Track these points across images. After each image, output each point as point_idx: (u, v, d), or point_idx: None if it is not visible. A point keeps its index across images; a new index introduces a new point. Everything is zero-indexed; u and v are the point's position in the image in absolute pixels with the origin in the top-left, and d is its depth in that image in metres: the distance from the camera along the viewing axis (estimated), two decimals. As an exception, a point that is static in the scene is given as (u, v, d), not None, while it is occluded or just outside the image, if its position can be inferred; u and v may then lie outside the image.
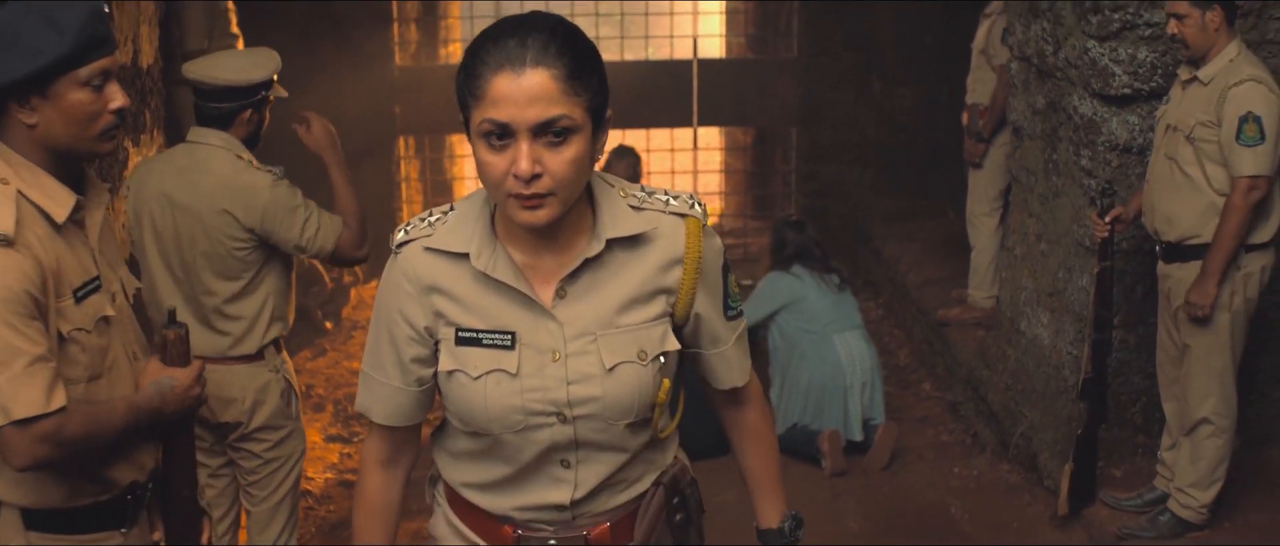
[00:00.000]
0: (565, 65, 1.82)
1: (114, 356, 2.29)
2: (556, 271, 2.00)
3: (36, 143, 2.21)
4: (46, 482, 2.24)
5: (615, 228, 2.00)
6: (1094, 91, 4.55)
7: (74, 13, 2.15)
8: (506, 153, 1.83)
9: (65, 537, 2.29)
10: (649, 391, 2.04)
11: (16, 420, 2.08)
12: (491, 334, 1.99)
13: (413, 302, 2.01)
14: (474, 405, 2.01)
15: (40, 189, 2.20)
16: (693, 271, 2.04)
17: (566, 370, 1.99)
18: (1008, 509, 5.00)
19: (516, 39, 1.82)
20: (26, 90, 2.16)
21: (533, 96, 1.79)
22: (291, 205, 3.42)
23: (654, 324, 2.04)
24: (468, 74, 1.85)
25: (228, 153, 3.39)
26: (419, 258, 2.02)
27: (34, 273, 2.12)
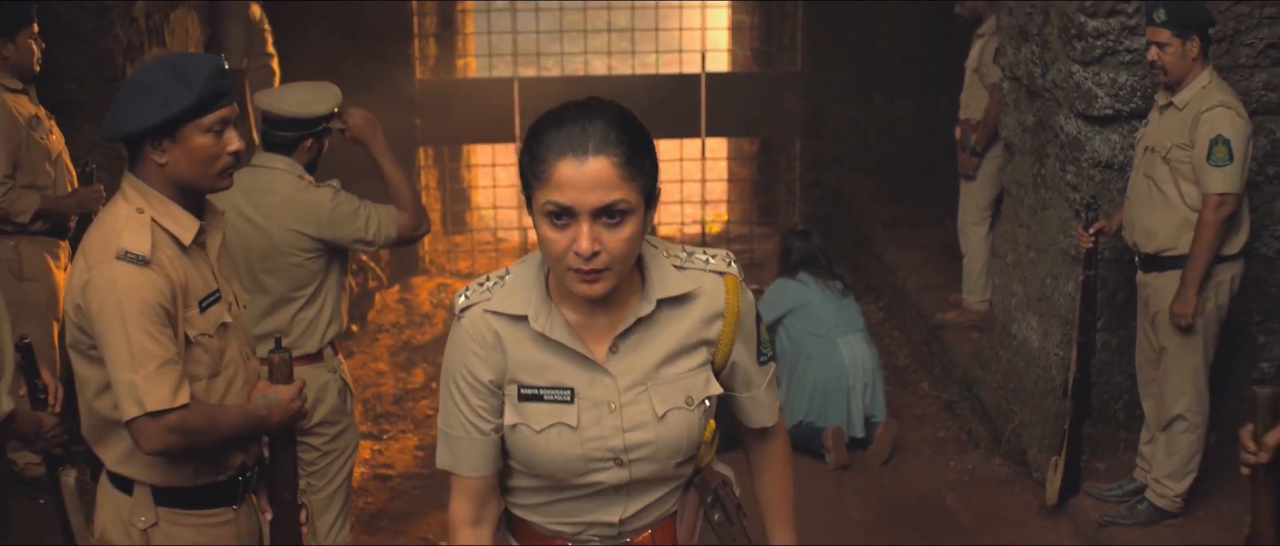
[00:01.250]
0: (624, 153, 1.94)
1: (231, 357, 2.65)
2: (609, 329, 2.13)
3: (166, 179, 2.55)
4: (172, 465, 2.60)
5: (664, 288, 2.13)
6: (1078, 112, 4.79)
7: (200, 68, 2.49)
8: (568, 231, 1.95)
9: (187, 512, 2.64)
10: (696, 433, 2.19)
11: (149, 412, 2.43)
12: (551, 390, 2.12)
13: (479, 361, 2.13)
14: (538, 455, 2.14)
15: (170, 217, 2.55)
16: (733, 324, 2.18)
17: (622, 419, 2.13)
18: (999, 500, 5.23)
19: (580, 127, 1.94)
20: (159, 135, 2.51)
21: (594, 182, 1.92)
22: (352, 210, 3.71)
23: (698, 371, 2.18)
24: (532, 157, 1.97)
25: (290, 174, 3.70)
26: (481, 320, 2.13)
27: (165, 287, 2.47)
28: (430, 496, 5.39)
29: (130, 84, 2.51)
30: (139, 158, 2.57)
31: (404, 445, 6.14)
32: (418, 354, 7.44)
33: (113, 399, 2.50)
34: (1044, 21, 5.02)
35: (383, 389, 6.85)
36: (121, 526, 2.63)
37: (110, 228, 2.52)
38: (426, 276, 8.93)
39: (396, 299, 8.41)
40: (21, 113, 4.44)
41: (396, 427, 6.36)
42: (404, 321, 8.05)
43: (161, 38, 5.35)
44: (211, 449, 2.60)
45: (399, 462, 5.90)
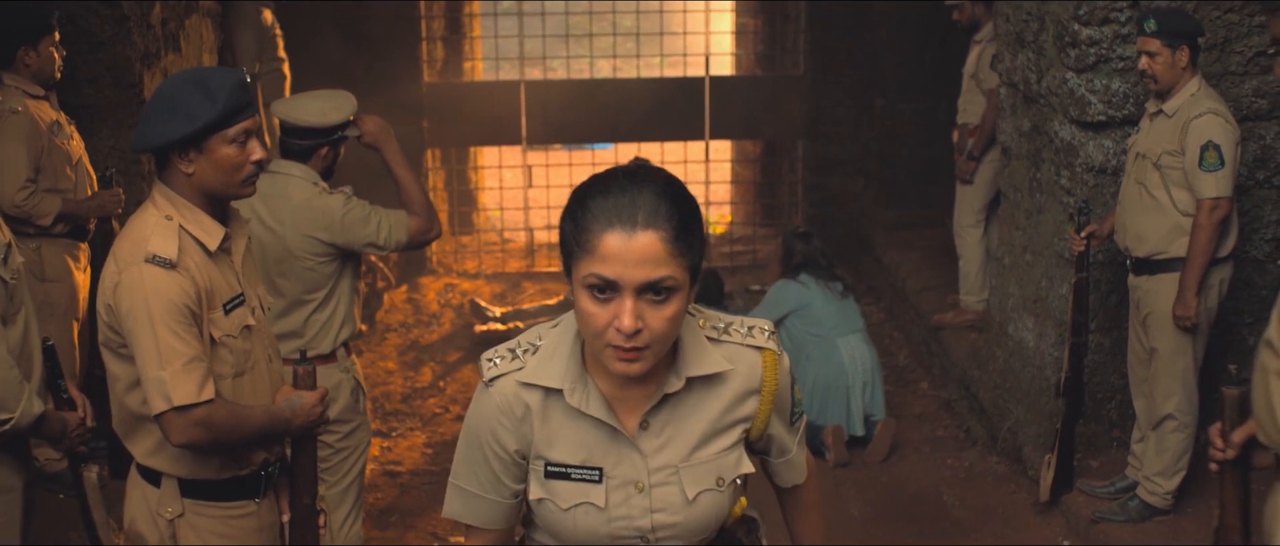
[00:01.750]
0: (673, 227, 1.85)
1: (254, 358, 2.77)
2: (641, 403, 2.04)
3: (193, 187, 2.68)
4: (198, 458, 2.72)
5: (697, 366, 2.04)
6: (1072, 118, 4.88)
7: (224, 83, 2.62)
8: (610, 306, 1.86)
9: (211, 504, 2.77)
10: (727, 511, 2.12)
11: (176, 406, 2.56)
12: (580, 469, 2.05)
13: (507, 432, 2.06)
14: (563, 530, 2.08)
15: (196, 224, 2.67)
16: (769, 402, 2.09)
17: (650, 500, 2.05)
18: (995, 496, 5.33)
19: (629, 197, 1.85)
20: (186, 146, 2.63)
21: (642, 258, 1.83)
22: (363, 215, 3.82)
23: (730, 451, 2.09)
24: (577, 225, 1.88)
25: (305, 181, 3.81)
26: (512, 390, 2.05)
27: (191, 290, 2.60)
28: (438, 492, 5.45)
29: (157, 98, 2.64)
30: (167, 167, 2.69)
31: (412, 442, 6.26)
32: (425, 353, 7.57)
33: (142, 394, 2.63)
34: (1040, 29, 5.11)
35: (391, 387, 6.97)
36: (149, 516, 2.77)
37: (140, 233, 2.65)
38: (434, 277, 9.04)
39: (404, 299, 8.52)
40: (43, 118, 4.56)
41: (405, 425, 6.48)
42: (412, 321, 8.17)
43: (177, 45, 5.46)
44: (235, 445, 2.72)
45: (407, 459, 6.03)
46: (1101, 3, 4.70)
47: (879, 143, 8.83)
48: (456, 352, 7.57)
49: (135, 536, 2.80)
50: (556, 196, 9.05)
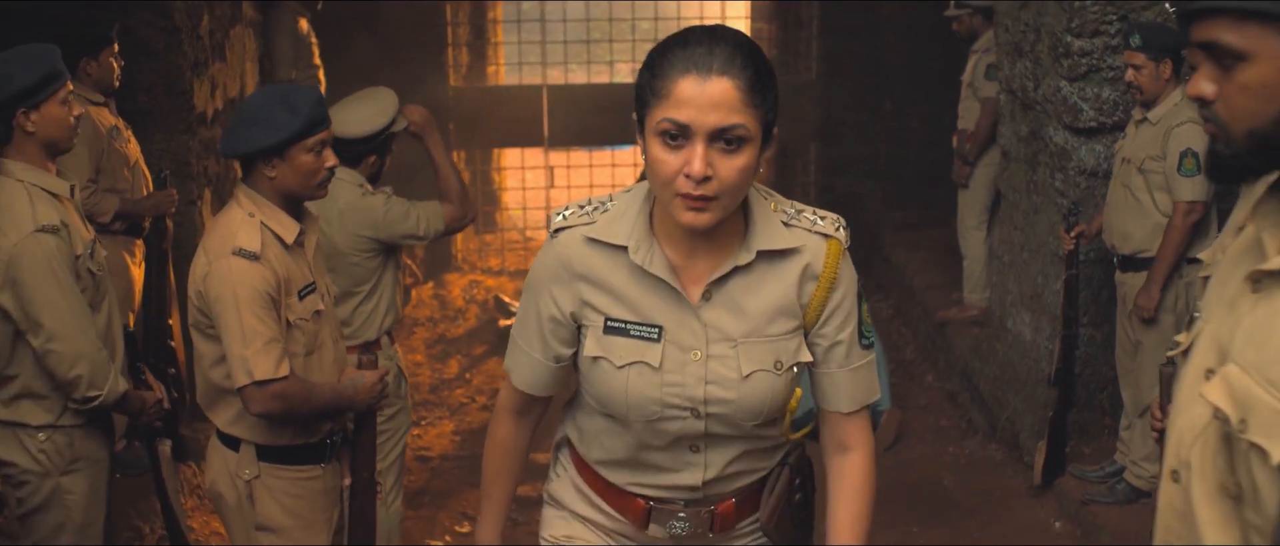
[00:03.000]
0: (748, 78, 1.85)
1: (322, 339, 3.12)
2: (706, 274, 2.03)
3: (275, 189, 3.02)
4: (273, 427, 3.07)
5: (767, 241, 2.02)
6: (1066, 124, 5.12)
7: (304, 98, 2.95)
8: (681, 153, 1.86)
9: (283, 467, 3.11)
10: (781, 398, 2.09)
11: (257, 381, 2.90)
12: (640, 325, 2.04)
13: (563, 287, 2.08)
14: (615, 392, 2.07)
15: (275, 220, 3.01)
16: (825, 290, 2.06)
17: (706, 370, 2.04)
18: (993, 481, 5.60)
19: (706, 47, 1.86)
20: (270, 154, 2.97)
21: (716, 102, 1.83)
22: (403, 211, 4.10)
23: (790, 336, 2.07)
24: (652, 73, 1.89)
25: (351, 184, 4.08)
26: (576, 245, 2.06)
27: (271, 279, 2.94)
28: (466, 476, 5.83)
29: (246, 111, 2.98)
30: (252, 171, 3.03)
31: (442, 430, 6.58)
32: (452, 346, 7.88)
33: (226, 370, 2.98)
34: (1036, 40, 5.35)
35: (420, 379, 7.28)
36: (229, 478, 3.11)
37: (227, 229, 2.99)
38: (459, 273, 9.33)
39: (431, 294, 8.83)
40: (103, 123, 4.87)
41: (434, 414, 6.79)
42: (438, 316, 8.48)
43: (223, 54, 5.78)
44: (305, 417, 3.06)
45: (437, 446, 6.35)
46: (1092, 16, 4.95)
47: (887, 146, 8.99)
48: (482, 346, 7.88)
49: (215, 496, 3.16)
50: (577, 196, 9.23)
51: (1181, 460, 1.55)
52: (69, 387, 3.14)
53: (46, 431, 3.20)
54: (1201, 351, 1.56)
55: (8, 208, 3.07)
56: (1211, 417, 1.49)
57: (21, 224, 3.06)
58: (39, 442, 3.20)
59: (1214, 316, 1.56)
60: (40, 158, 3.19)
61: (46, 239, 3.07)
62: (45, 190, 3.17)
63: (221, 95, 5.80)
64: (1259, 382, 1.43)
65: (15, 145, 3.15)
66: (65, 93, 3.19)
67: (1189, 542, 1.55)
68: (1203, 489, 1.51)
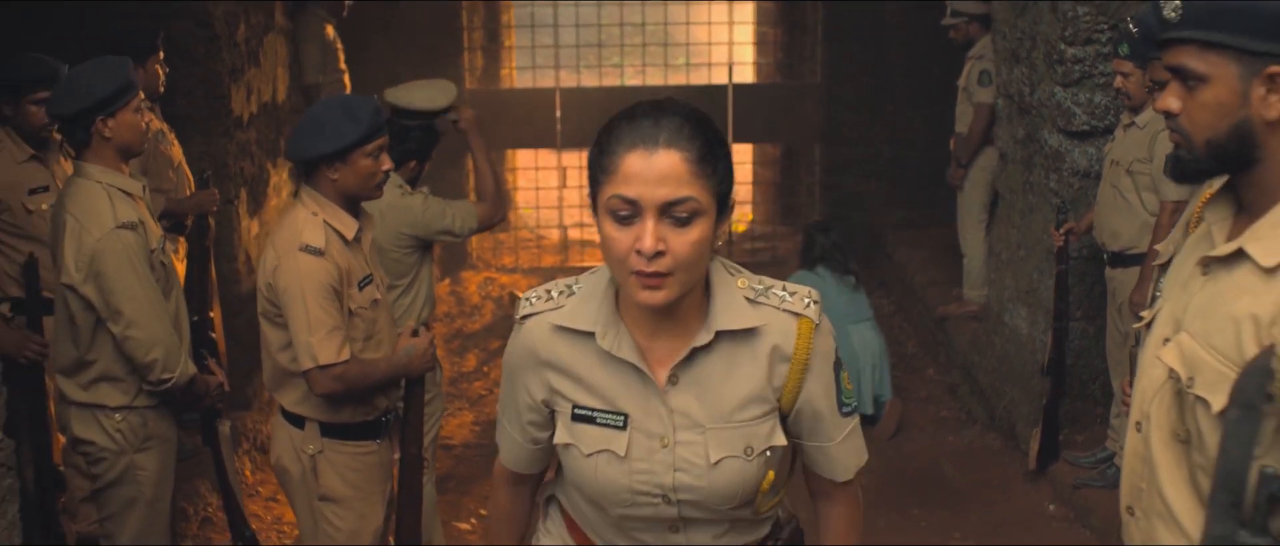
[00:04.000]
0: (697, 149, 1.83)
1: (379, 325, 3.41)
2: (670, 356, 1.99)
3: (336, 190, 3.31)
4: (334, 406, 3.36)
5: (728, 320, 1.97)
6: (1059, 127, 5.35)
7: (364, 107, 3.23)
8: (632, 229, 1.83)
9: (343, 443, 3.40)
10: (752, 484, 2.03)
11: (320, 365, 3.19)
12: (606, 413, 2.01)
13: (533, 374, 2.07)
14: (585, 479, 2.05)
15: (337, 219, 3.30)
16: (799, 372, 2.00)
17: (673, 457, 2.00)
18: (990, 468, 5.84)
19: (651, 120, 1.84)
20: (333, 158, 3.25)
21: (663, 176, 1.80)
22: (439, 210, 4.36)
23: (762, 420, 2.01)
24: (601, 150, 1.88)
25: (391, 185, 4.34)
26: (543, 333, 2.04)
27: (334, 272, 3.23)
28: (487, 464, 6.04)
29: (310, 119, 3.27)
30: (315, 174, 3.32)
31: (462, 420, 6.86)
32: (470, 341, 8.15)
33: (292, 354, 3.27)
34: (1032, 47, 5.58)
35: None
36: (294, 452, 3.41)
37: (294, 227, 3.28)
38: (474, 271, 9.58)
39: (448, 291, 9.08)
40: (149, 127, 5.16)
41: (454, 405, 7.05)
42: (455, 312, 8.74)
43: (257, 60, 6.06)
44: (364, 394, 3.35)
45: (458, 435, 6.63)
46: (1085, 25, 5.18)
47: (890, 147, 9.18)
48: (498, 341, 8.10)
49: (281, 470, 3.46)
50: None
51: (1143, 413, 1.88)
52: (145, 370, 3.44)
53: (122, 412, 3.50)
54: (1160, 324, 1.89)
55: (90, 207, 3.36)
56: (1167, 377, 1.82)
57: (104, 221, 3.35)
58: (115, 423, 3.50)
59: (1171, 296, 1.88)
60: (115, 160, 3.47)
61: (126, 235, 3.36)
62: (121, 190, 3.45)
63: (256, 99, 6.08)
64: (1205, 348, 1.75)
65: (93, 149, 3.44)
66: (138, 101, 3.48)
67: (1148, 481, 1.86)
68: (1159, 436, 1.83)
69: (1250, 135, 1.77)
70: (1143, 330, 1.99)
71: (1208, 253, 1.83)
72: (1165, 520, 1.86)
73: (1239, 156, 1.79)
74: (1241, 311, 1.74)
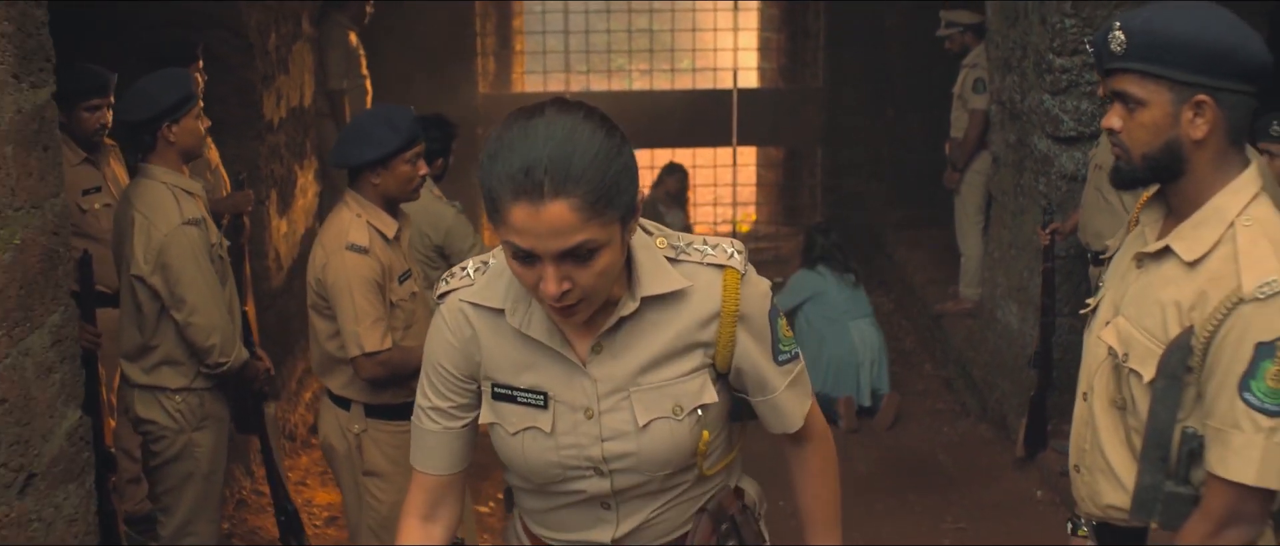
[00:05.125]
0: (584, 193, 1.66)
1: (417, 315, 3.72)
2: (593, 327, 1.91)
3: (378, 193, 3.62)
4: (377, 389, 3.67)
5: (651, 285, 1.89)
6: (1048, 133, 5.59)
7: (404, 117, 3.55)
8: (534, 268, 1.74)
9: (386, 422, 3.71)
10: (685, 445, 1.95)
11: (366, 352, 3.50)
12: (525, 392, 1.93)
13: (455, 352, 1.97)
14: (513, 457, 1.98)
15: (379, 219, 3.62)
16: (730, 325, 1.93)
17: (600, 427, 1.93)
18: (982, 456, 6.12)
19: (529, 163, 1.65)
20: (376, 165, 3.57)
21: (554, 229, 1.67)
22: (464, 232, 4.63)
23: (690, 377, 1.94)
24: (486, 190, 1.72)
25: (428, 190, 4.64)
26: (458, 309, 1.96)
27: (377, 268, 3.54)
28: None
29: (355, 129, 3.58)
30: (359, 178, 3.64)
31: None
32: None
33: (339, 343, 3.59)
34: (1022, 56, 5.83)
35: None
36: (340, 432, 3.73)
37: (340, 227, 3.59)
38: (486, 268, 9.86)
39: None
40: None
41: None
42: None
43: (287, 67, 6.35)
44: (404, 378, 3.66)
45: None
46: (1072, 36, 5.41)
47: (889, 149, 9.40)
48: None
49: (328, 448, 3.78)
50: None
51: (1089, 385, 2.23)
52: (204, 355, 3.76)
53: (182, 393, 3.82)
54: (1103, 310, 2.24)
55: (157, 205, 3.68)
56: (1107, 354, 2.15)
57: (170, 218, 3.67)
58: (175, 403, 3.81)
59: (1111, 285, 2.23)
60: (177, 163, 3.79)
61: (191, 230, 3.68)
62: (183, 189, 3.77)
63: (285, 104, 6.38)
64: (1137, 329, 2.10)
65: (158, 152, 3.75)
66: (198, 109, 3.80)
67: (1092, 442, 2.20)
68: (1100, 404, 2.18)
69: (1179, 151, 2.10)
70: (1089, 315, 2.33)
71: (1141, 249, 2.18)
72: (1106, 474, 2.21)
73: (1169, 169, 2.13)
74: (1167, 298, 2.09)
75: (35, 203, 2.69)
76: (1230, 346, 2.00)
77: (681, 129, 9.71)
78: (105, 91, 4.53)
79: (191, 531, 3.91)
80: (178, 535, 3.90)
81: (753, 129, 9.99)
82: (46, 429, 2.73)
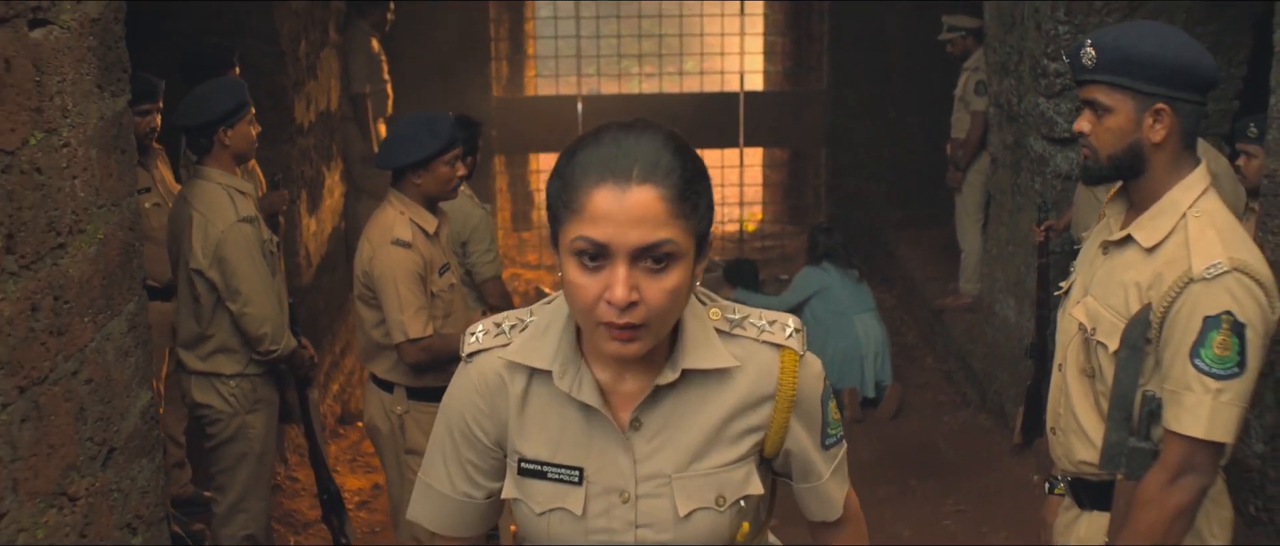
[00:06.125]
0: (675, 184, 1.58)
1: (455, 305, 4.01)
2: (635, 397, 1.76)
3: (419, 192, 3.90)
4: (418, 373, 3.95)
5: (697, 357, 1.74)
6: (1043, 135, 5.80)
7: (444, 123, 3.83)
8: (601, 275, 1.59)
9: (427, 404, 3.99)
10: (724, 535, 1.80)
11: (410, 338, 3.79)
12: (557, 468, 1.77)
13: (483, 416, 1.81)
14: (538, 537, 1.83)
15: (420, 217, 3.90)
16: (785, 410, 1.78)
17: (635, 513, 1.77)
18: (981, 445, 6.35)
19: (623, 147, 1.58)
20: (418, 166, 3.85)
21: (637, 217, 1.55)
22: (484, 238, 4.86)
23: (736, 466, 1.79)
24: (564, 182, 1.61)
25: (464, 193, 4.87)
26: (492, 369, 1.79)
27: (419, 262, 3.83)
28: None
29: (398, 132, 3.87)
30: (402, 179, 3.92)
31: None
32: (499, 331, 8.65)
33: (384, 330, 3.87)
34: (1019, 61, 6.05)
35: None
36: (383, 413, 4.01)
37: (385, 223, 3.88)
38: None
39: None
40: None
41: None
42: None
43: (315, 73, 6.63)
44: (444, 363, 3.95)
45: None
46: (1065, 42, 5.61)
47: (891, 150, 9.60)
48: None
49: (372, 429, 4.06)
50: None
51: (1063, 357, 2.55)
52: (257, 342, 4.04)
53: (236, 379, 4.10)
54: (1075, 291, 2.56)
55: (214, 204, 3.96)
56: (1078, 329, 2.45)
57: (227, 216, 3.95)
58: (230, 388, 4.10)
59: (1082, 270, 2.55)
60: (231, 165, 4.07)
61: (245, 227, 3.97)
62: (237, 189, 4.05)
63: (314, 109, 6.65)
64: (1104, 307, 2.41)
65: (213, 155, 4.04)
66: (251, 115, 4.08)
67: (1065, 407, 2.52)
68: (1073, 373, 2.49)
69: (1140, 152, 2.41)
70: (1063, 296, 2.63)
71: (1106, 238, 2.49)
72: (1078, 434, 2.52)
73: (1131, 167, 2.44)
74: (1129, 280, 2.40)
75: (114, 200, 2.93)
76: (1182, 320, 2.32)
77: (689, 131, 9.27)
78: (154, 97, 4.79)
79: (243, 508, 4.19)
80: (231, 512, 4.19)
81: (758, 130, 10.13)
82: (124, 407, 2.97)
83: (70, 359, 2.52)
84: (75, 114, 2.55)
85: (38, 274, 2.34)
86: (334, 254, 6.98)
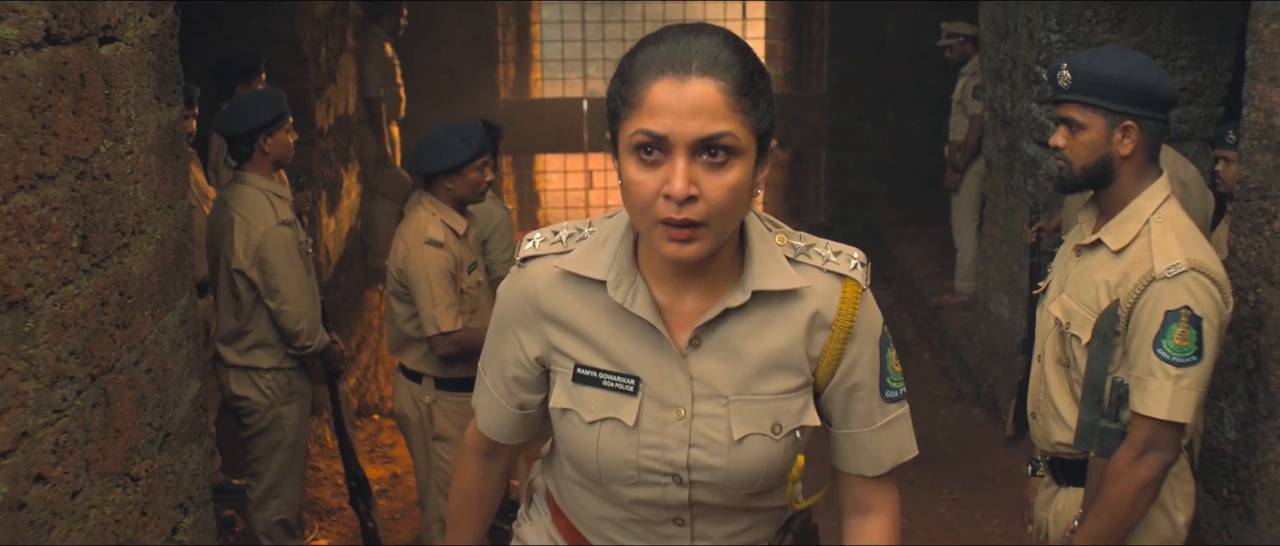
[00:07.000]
0: (734, 77, 1.55)
1: (482, 301, 4.25)
2: (695, 316, 1.71)
3: (450, 196, 4.15)
4: (447, 365, 4.18)
5: (766, 279, 1.69)
6: (1035, 139, 5.96)
7: (474, 131, 4.07)
8: (659, 171, 1.56)
9: (453, 394, 4.22)
10: (779, 466, 1.75)
11: (441, 332, 4.03)
12: (614, 376, 1.73)
13: (529, 328, 1.78)
14: (585, 451, 1.76)
15: (450, 218, 4.15)
16: (841, 340, 1.73)
17: (690, 431, 1.72)
18: (976, 436, 6.54)
19: (684, 44, 1.56)
20: (449, 172, 4.09)
21: (697, 108, 1.53)
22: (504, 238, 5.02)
23: (794, 395, 1.74)
24: (623, 80, 1.60)
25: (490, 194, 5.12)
26: (546, 278, 1.76)
27: (450, 260, 4.07)
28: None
29: (431, 141, 4.11)
30: (434, 183, 4.17)
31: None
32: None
33: (416, 324, 4.12)
34: (1012, 68, 6.23)
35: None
36: (412, 402, 4.25)
37: (418, 224, 4.12)
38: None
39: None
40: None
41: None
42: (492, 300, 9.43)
43: (334, 78, 6.86)
44: (471, 355, 4.18)
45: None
46: (1056, 50, 5.76)
47: (891, 152, 9.74)
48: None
49: (401, 417, 4.31)
50: (613, 197, 10.17)
51: (1041, 349, 2.82)
52: (293, 338, 4.28)
53: (272, 372, 4.33)
54: (1051, 289, 2.81)
55: (254, 207, 4.20)
56: (1054, 323, 2.71)
57: (267, 219, 4.19)
58: (267, 381, 4.33)
59: (1057, 270, 2.83)
60: (269, 171, 4.31)
61: (284, 230, 4.21)
62: (276, 194, 4.29)
63: (333, 112, 6.89)
64: (1077, 303, 2.68)
65: (253, 162, 4.27)
66: (289, 124, 4.31)
67: (1044, 393, 2.79)
68: (1050, 362, 2.75)
69: (1110, 164, 2.67)
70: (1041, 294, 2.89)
71: (1079, 241, 2.76)
72: (1055, 418, 2.79)
73: (1102, 178, 2.70)
74: (1099, 278, 2.68)
75: (170, 203, 3.14)
76: (1146, 314, 2.59)
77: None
78: (191, 103, 5.01)
79: (277, 494, 4.43)
80: (266, 497, 4.43)
81: (760, 132, 10.18)
82: (177, 395, 3.19)
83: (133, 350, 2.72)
84: (138, 123, 2.76)
85: (107, 271, 2.55)
86: (351, 252, 7.19)
